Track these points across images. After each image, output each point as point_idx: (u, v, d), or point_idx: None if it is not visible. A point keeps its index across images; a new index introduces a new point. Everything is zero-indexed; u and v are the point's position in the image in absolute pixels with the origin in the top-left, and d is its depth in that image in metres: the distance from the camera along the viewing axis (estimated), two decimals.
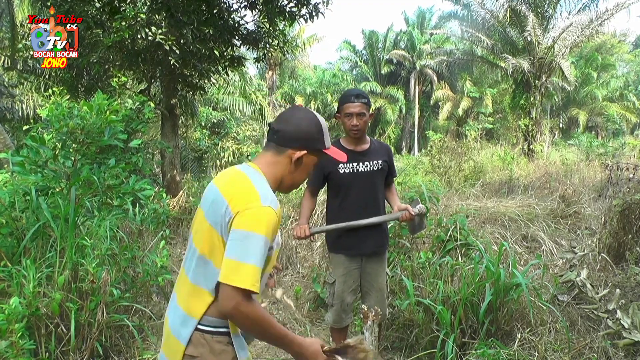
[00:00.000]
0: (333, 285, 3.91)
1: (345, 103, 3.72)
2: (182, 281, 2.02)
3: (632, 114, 39.83)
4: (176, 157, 10.61)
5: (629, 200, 6.08)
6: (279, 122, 2.05)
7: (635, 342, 3.80)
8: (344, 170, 3.76)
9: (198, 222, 2.00)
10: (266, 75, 31.35)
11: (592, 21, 21.16)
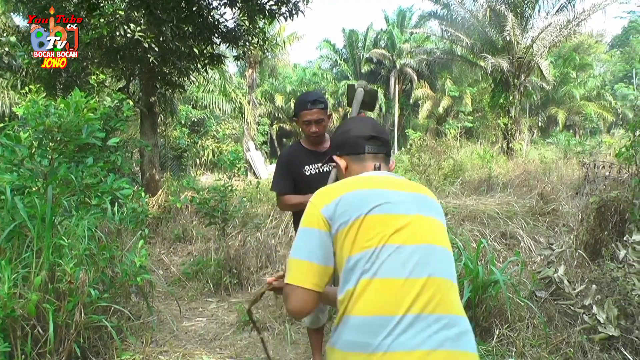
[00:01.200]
0: None
1: (302, 110, 3.65)
2: (439, 290, 1.65)
3: (608, 113, 40.32)
4: (155, 156, 10.53)
5: (605, 198, 6.16)
6: (383, 133, 2.05)
7: (610, 336, 3.85)
8: (310, 172, 3.72)
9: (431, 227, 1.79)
10: (246, 74, 31.20)
11: (570, 22, 21.38)
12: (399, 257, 1.63)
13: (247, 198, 9.88)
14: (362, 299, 1.59)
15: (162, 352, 4.52)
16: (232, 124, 29.00)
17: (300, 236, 1.75)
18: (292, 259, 1.74)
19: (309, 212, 1.77)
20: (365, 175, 1.90)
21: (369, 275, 1.60)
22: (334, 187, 1.81)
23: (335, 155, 2.05)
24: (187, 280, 6.57)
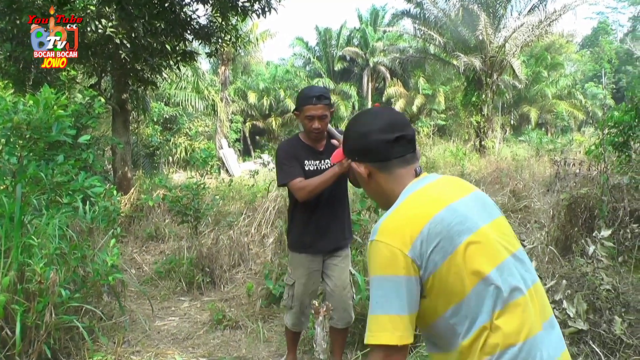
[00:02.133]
0: (292, 287, 3.79)
1: (307, 105, 3.49)
2: (538, 297, 1.59)
3: (579, 111, 40.89)
4: (127, 154, 10.43)
5: (575, 195, 6.25)
6: (407, 126, 1.74)
7: (579, 330, 3.91)
8: (309, 168, 3.62)
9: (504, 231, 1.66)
10: (219, 71, 31.04)
11: (542, 22, 21.68)
12: (513, 273, 1.53)
13: (220, 196, 9.84)
14: (507, 327, 1.47)
15: (135, 352, 4.49)
16: (205, 121, 28.83)
17: (386, 286, 1.52)
18: (385, 315, 1.51)
19: (387, 256, 1.52)
20: (417, 188, 1.66)
21: (501, 304, 1.47)
22: (406, 220, 1.56)
23: (353, 162, 1.77)
24: (159, 279, 6.52)
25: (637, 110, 7.29)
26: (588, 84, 48.76)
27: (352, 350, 4.29)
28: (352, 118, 1.82)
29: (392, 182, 1.70)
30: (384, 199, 1.75)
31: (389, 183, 1.71)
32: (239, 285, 6.26)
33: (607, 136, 7.38)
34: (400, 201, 1.63)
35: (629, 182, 6.42)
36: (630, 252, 5.23)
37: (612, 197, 6.19)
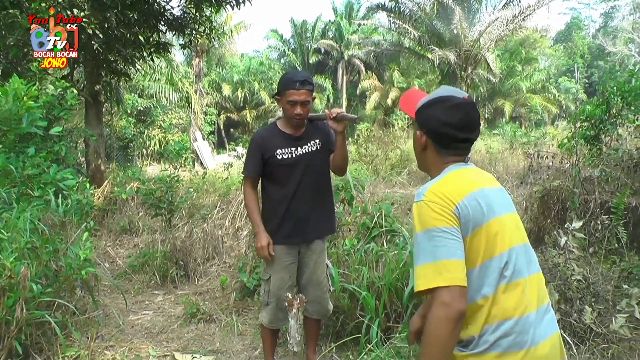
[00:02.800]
0: (268, 282, 3.65)
1: (290, 89, 3.40)
2: (538, 283, 1.84)
3: (553, 105, 41.39)
4: (101, 146, 10.30)
5: (548, 187, 6.33)
6: (477, 129, 1.98)
7: None
8: (282, 156, 3.52)
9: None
10: (193, 62, 30.79)
11: (516, 16, 21.88)
12: (518, 258, 1.76)
13: (194, 189, 9.78)
14: (507, 303, 1.71)
15: (108, 347, 4.45)
16: (179, 113, 28.59)
17: (436, 237, 1.68)
18: (439, 261, 1.64)
19: (437, 210, 1.70)
20: (463, 169, 1.89)
21: (505, 280, 1.71)
22: (452, 187, 1.77)
23: (419, 130, 1.96)
24: (133, 273, 6.46)
25: (608, 105, 7.40)
26: (561, 78, 49.33)
27: (327, 343, 4.29)
28: (439, 97, 1.92)
29: (439, 160, 1.92)
30: (425, 166, 2.01)
31: (436, 160, 1.93)
32: (213, 279, 6.24)
33: (579, 130, 7.47)
34: (446, 174, 1.85)
35: (600, 174, 6.52)
36: (601, 243, 5.32)
37: (583, 190, 6.29)
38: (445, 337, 1.60)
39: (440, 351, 1.62)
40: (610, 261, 5.32)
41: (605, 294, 4.28)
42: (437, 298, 1.62)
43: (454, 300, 1.60)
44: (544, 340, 1.73)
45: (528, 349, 1.68)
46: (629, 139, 8.22)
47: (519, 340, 1.68)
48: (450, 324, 1.59)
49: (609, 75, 11.26)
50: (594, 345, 3.84)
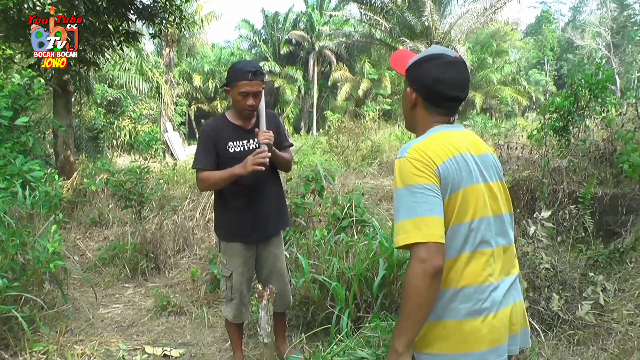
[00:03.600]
0: (230, 279, 3.61)
1: (242, 80, 3.31)
2: (506, 255, 1.90)
3: (523, 97, 41.94)
4: (70, 137, 10.14)
5: (517, 177, 6.41)
6: (466, 91, 1.99)
7: None
8: (234, 149, 3.45)
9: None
10: (163, 52, 30.41)
11: (487, 9, 22.09)
12: (489, 229, 1.81)
13: (164, 180, 9.69)
14: (468, 270, 1.76)
15: (78, 341, 4.40)
16: (150, 104, 28.31)
17: (417, 193, 1.71)
18: (418, 217, 1.67)
19: (419, 167, 1.74)
20: (446, 130, 1.90)
21: (469, 248, 1.76)
22: (436, 147, 1.80)
23: (409, 87, 1.96)
24: (103, 265, 6.39)
25: (576, 97, 7.51)
26: (532, 70, 49.98)
27: (297, 333, 4.30)
28: (433, 54, 1.93)
29: (427, 119, 1.94)
30: (413, 124, 2.02)
31: (424, 118, 1.95)
32: (183, 271, 6.20)
33: (549, 121, 7.58)
34: (431, 134, 1.88)
35: (568, 165, 6.62)
36: (568, 232, 5.41)
37: (552, 180, 6.39)
38: (423, 292, 1.63)
39: (419, 306, 1.65)
40: (578, 250, 5.42)
41: (572, 281, 4.35)
42: (414, 254, 1.65)
43: (431, 256, 1.62)
44: (504, 308, 1.79)
45: (486, 316, 1.74)
46: (596, 130, 8.35)
47: (478, 308, 1.74)
48: (427, 279, 1.62)
49: (577, 68, 11.43)
50: (561, 332, 3.91)
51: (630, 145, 6.07)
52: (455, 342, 1.75)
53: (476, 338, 1.74)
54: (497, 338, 1.77)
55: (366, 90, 38.98)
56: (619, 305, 4.14)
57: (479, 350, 1.74)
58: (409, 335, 1.68)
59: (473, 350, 1.74)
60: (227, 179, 3.35)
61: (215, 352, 4.29)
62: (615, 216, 5.92)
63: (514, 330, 1.86)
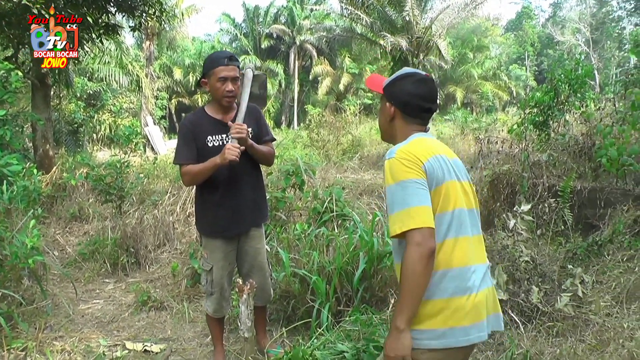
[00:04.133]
0: (211, 273, 3.59)
1: (218, 66, 3.32)
2: (480, 244, 2.13)
3: (503, 92, 42.24)
4: (49, 131, 10.04)
5: (497, 171, 6.46)
6: (436, 102, 2.27)
7: (500, 300, 4.06)
8: (213, 143, 3.42)
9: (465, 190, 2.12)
10: (143, 46, 30.13)
11: (467, 4, 22.16)
12: (466, 219, 2.03)
13: (145, 174, 9.61)
14: (454, 254, 1.97)
15: (58, 337, 4.36)
16: (130, 97, 28.06)
17: (408, 187, 1.92)
18: (411, 208, 1.88)
19: (408, 165, 1.95)
20: (425, 137, 2.15)
21: (452, 234, 1.98)
22: (419, 148, 2.02)
23: (388, 103, 2.20)
24: (83, 261, 6.34)
25: (556, 92, 7.58)
26: (512, 65, 50.36)
27: (277, 327, 4.31)
28: (406, 73, 2.21)
29: (405, 128, 2.18)
30: (390, 135, 2.26)
31: (403, 127, 2.18)
32: (164, 266, 6.17)
33: (529, 116, 7.65)
34: (411, 139, 2.09)
35: (548, 159, 6.69)
36: (548, 225, 5.47)
37: (532, 174, 6.45)
38: (421, 273, 1.85)
39: (418, 285, 1.86)
40: (557, 242, 5.48)
41: (552, 274, 4.40)
42: (411, 239, 1.86)
43: (425, 239, 1.85)
44: (483, 289, 2.02)
45: (469, 295, 1.95)
46: (575, 124, 8.44)
47: (463, 287, 1.96)
48: (423, 260, 1.84)
49: (557, 63, 11.56)
50: (540, 324, 3.95)
51: (608, 139, 6.14)
52: (443, 318, 1.94)
53: (461, 314, 1.94)
54: (478, 315, 1.98)
55: (347, 84, 39.02)
56: (597, 297, 4.19)
57: (464, 326, 1.94)
58: (409, 313, 1.88)
59: (458, 325, 1.94)
60: (210, 170, 3.33)
61: (196, 347, 4.27)
62: (593, 209, 5.99)
63: (491, 312, 2.08)
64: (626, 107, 6.80)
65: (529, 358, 3.57)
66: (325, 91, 39.74)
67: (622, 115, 6.62)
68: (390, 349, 1.92)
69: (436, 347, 1.93)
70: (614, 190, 6.04)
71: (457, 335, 1.93)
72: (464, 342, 1.95)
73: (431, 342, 1.93)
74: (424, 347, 1.94)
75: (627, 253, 4.97)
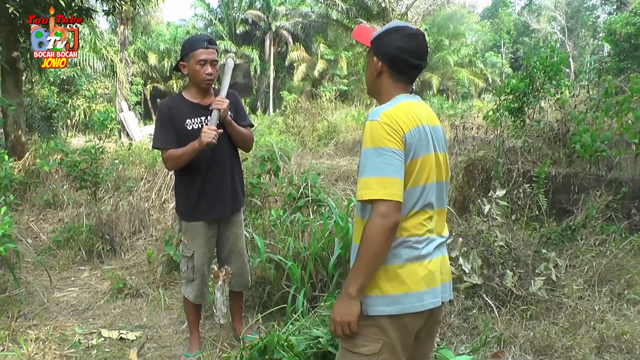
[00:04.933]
0: (192, 259, 3.57)
1: (197, 49, 3.33)
2: (440, 216, 2.12)
3: (479, 79, 42.47)
4: (21, 116, 9.88)
5: (473, 157, 6.50)
6: (426, 60, 2.18)
7: (474, 284, 4.11)
8: (192, 127, 3.40)
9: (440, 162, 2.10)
10: (118, 30, 29.74)
11: None
12: (433, 193, 2.02)
13: (120, 160, 9.52)
14: (414, 223, 1.97)
15: (32, 325, 4.32)
16: (104, 83, 27.68)
17: (385, 155, 1.87)
18: (384, 177, 1.85)
19: (389, 132, 1.89)
20: (411, 101, 2.06)
21: (418, 206, 1.97)
22: (404, 115, 1.95)
23: (375, 57, 2.10)
24: (58, 248, 6.27)
25: (532, 79, 7.63)
26: (488, 53, 50.62)
27: (253, 313, 4.31)
28: (396, 26, 2.09)
29: (390, 86, 2.10)
30: (376, 91, 2.17)
31: (388, 86, 2.10)
32: (139, 253, 6.12)
33: (504, 102, 7.69)
34: (397, 103, 2.02)
35: (523, 145, 6.75)
36: (522, 210, 5.52)
37: (507, 160, 6.51)
38: (381, 244, 1.85)
39: (376, 255, 1.87)
40: (531, 227, 5.55)
41: (526, 258, 4.45)
42: (376, 209, 1.84)
43: (391, 212, 1.83)
44: (436, 257, 2.03)
45: (422, 262, 1.96)
46: (550, 111, 8.52)
47: (417, 255, 1.96)
48: (385, 232, 1.83)
49: (533, 51, 11.62)
50: (514, 308, 4.00)
51: (582, 126, 6.21)
52: (397, 284, 1.94)
53: (415, 280, 1.95)
54: (433, 281, 2.00)
55: (322, 70, 38.91)
56: (570, 280, 4.24)
57: (418, 291, 1.95)
58: (362, 282, 1.90)
59: (413, 290, 1.95)
60: (190, 154, 3.32)
61: (172, 334, 4.26)
62: (567, 195, 6.07)
63: (445, 280, 2.09)
64: (600, 94, 6.86)
65: (503, 341, 3.62)
66: (300, 77, 39.57)
67: (595, 103, 6.68)
68: (337, 313, 1.94)
69: (391, 312, 1.93)
70: (588, 176, 6.13)
71: (412, 301, 1.94)
72: (419, 308, 1.95)
73: (386, 308, 1.93)
74: (379, 313, 1.94)
75: (600, 237, 5.06)
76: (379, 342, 1.95)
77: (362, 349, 1.97)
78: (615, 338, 3.52)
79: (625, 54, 20.40)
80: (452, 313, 4.00)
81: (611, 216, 5.52)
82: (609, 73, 7.75)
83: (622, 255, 4.71)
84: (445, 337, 3.74)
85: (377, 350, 1.95)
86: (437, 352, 3.22)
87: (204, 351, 3.73)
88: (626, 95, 5.96)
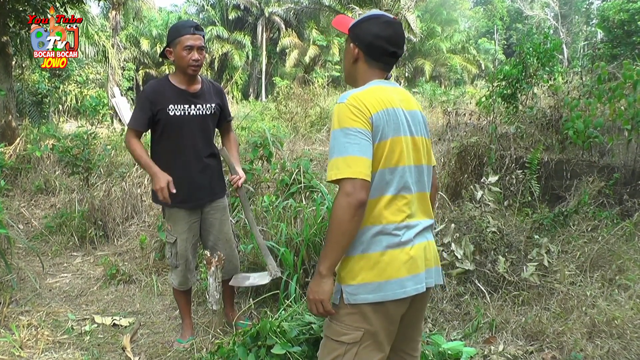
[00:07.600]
0: (175, 245, 3.58)
1: (184, 35, 3.31)
2: (422, 201, 2.10)
3: (472, 65, 42.35)
4: (11, 101, 9.83)
5: (465, 143, 6.51)
6: (403, 47, 2.19)
7: (466, 270, 4.12)
8: (174, 112, 3.38)
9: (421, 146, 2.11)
10: (109, 15, 29.54)
11: None
12: (410, 176, 2.01)
13: (112, 146, 9.47)
14: (390, 210, 1.96)
15: (24, 312, 4.31)
16: (96, 68, 27.53)
17: (351, 135, 1.89)
18: (349, 156, 1.86)
19: (356, 113, 1.91)
20: (383, 85, 2.08)
21: (393, 190, 1.96)
22: (372, 98, 1.96)
23: (352, 43, 2.13)
24: (50, 234, 6.25)
25: (525, 65, 7.63)
26: (481, 39, 50.48)
27: (246, 300, 4.31)
28: (373, 15, 2.14)
29: (366, 73, 2.13)
30: (352, 78, 2.20)
31: (365, 72, 2.13)
32: (132, 238, 6.11)
33: (497, 88, 7.69)
34: (369, 86, 2.05)
35: (515, 131, 6.75)
36: (515, 196, 5.54)
37: (499, 146, 6.51)
38: (347, 222, 1.84)
39: (342, 234, 1.87)
40: (524, 213, 5.56)
41: (518, 244, 4.47)
42: (342, 187, 1.85)
43: (356, 190, 1.83)
44: (419, 243, 2.02)
45: (403, 248, 1.95)
46: (543, 97, 8.52)
47: (397, 241, 1.95)
48: (350, 210, 1.83)
49: (526, 37, 11.61)
50: (506, 293, 4.02)
51: (575, 112, 6.21)
52: (378, 271, 1.94)
53: (396, 267, 1.94)
54: (415, 267, 1.98)
55: (315, 56, 38.75)
56: (562, 266, 4.26)
57: (399, 278, 1.95)
58: (331, 260, 1.91)
59: (393, 277, 1.94)
60: (144, 167, 3.43)
61: (165, 320, 4.26)
62: (560, 181, 6.09)
63: (430, 265, 2.08)
64: (593, 80, 6.87)
65: (495, 327, 3.64)
66: (293, 63, 39.38)
67: (588, 89, 6.69)
68: (310, 291, 1.97)
69: (373, 300, 1.93)
70: (580, 162, 6.14)
71: (394, 288, 1.94)
72: (401, 294, 1.95)
73: (368, 296, 1.94)
74: (362, 301, 1.94)
75: (592, 223, 5.08)
76: (360, 330, 1.96)
77: (343, 337, 1.98)
78: (607, 323, 3.54)
79: (618, 41, 20.36)
80: (444, 299, 4.02)
81: (603, 202, 5.54)
82: (602, 59, 7.76)
83: (613, 240, 4.72)
84: (437, 323, 3.76)
85: (359, 338, 1.97)
86: (429, 337, 3.23)
87: (197, 337, 3.74)
88: (619, 81, 5.97)
